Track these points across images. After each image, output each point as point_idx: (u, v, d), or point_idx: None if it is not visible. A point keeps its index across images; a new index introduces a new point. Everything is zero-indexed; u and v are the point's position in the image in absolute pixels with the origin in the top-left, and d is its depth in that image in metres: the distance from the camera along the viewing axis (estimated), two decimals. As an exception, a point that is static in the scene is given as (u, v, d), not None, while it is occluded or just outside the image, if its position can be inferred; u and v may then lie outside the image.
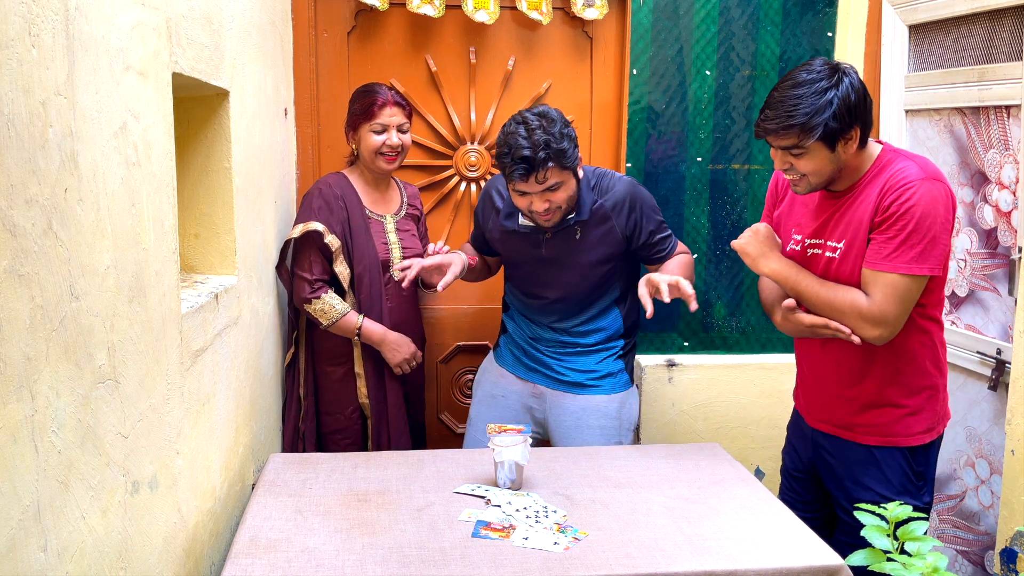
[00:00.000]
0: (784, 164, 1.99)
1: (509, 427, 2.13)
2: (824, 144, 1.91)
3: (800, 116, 1.89)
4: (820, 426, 2.20)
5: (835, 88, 1.90)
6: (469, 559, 1.71)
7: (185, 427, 1.63)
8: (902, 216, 1.90)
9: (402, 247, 2.63)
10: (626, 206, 2.42)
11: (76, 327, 1.12)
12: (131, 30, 1.34)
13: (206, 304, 1.78)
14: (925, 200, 1.89)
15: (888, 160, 2.00)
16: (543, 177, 2.23)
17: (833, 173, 1.98)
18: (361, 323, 2.52)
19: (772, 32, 3.09)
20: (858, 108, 1.92)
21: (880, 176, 1.98)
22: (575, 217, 2.39)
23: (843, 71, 1.93)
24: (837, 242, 2.03)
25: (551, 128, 2.23)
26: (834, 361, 2.12)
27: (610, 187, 2.44)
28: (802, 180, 2.00)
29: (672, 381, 3.17)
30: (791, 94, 1.91)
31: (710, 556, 1.74)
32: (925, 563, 1.23)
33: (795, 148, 1.93)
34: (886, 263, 1.92)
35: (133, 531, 1.34)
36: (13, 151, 0.96)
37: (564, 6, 3.03)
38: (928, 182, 1.92)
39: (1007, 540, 2.14)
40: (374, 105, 2.53)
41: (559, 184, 2.27)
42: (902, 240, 1.90)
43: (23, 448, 0.98)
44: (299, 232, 2.49)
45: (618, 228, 2.43)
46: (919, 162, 1.98)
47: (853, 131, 1.93)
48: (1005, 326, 2.46)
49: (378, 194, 2.66)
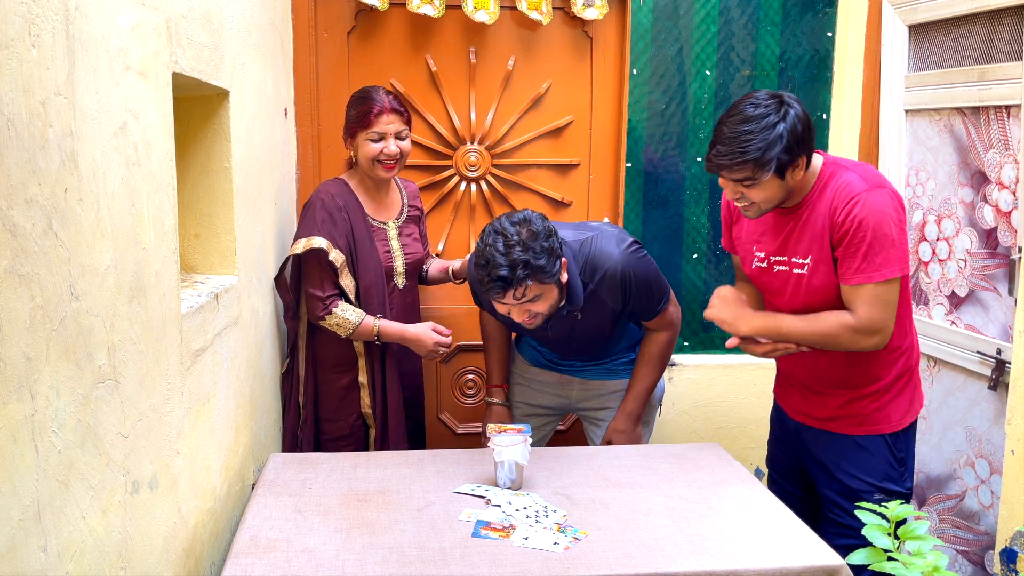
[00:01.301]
0: (736, 194, 2.05)
1: (509, 427, 2.13)
2: (774, 174, 1.97)
3: (753, 152, 1.93)
4: (804, 420, 2.27)
5: (783, 121, 1.94)
6: (469, 559, 1.71)
7: (185, 427, 1.63)
8: (858, 230, 1.98)
9: (404, 254, 2.61)
10: (619, 289, 2.33)
11: (76, 327, 1.12)
12: (131, 30, 1.34)
13: (206, 304, 1.78)
14: (874, 209, 1.97)
15: (831, 173, 2.07)
16: (521, 294, 2.13)
17: (783, 198, 2.05)
18: (378, 326, 2.49)
19: (772, 32, 3.09)
20: (804, 138, 1.98)
21: (826, 190, 2.06)
22: (568, 307, 2.31)
23: (788, 103, 1.98)
24: (803, 258, 2.10)
25: (531, 242, 2.10)
26: (816, 361, 2.19)
27: (600, 267, 2.31)
28: (752, 207, 2.06)
29: (672, 381, 3.17)
30: (741, 130, 1.95)
31: (710, 556, 1.74)
32: (925, 562, 1.23)
33: (748, 180, 1.98)
34: (859, 276, 2.00)
35: (133, 531, 1.34)
36: (13, 151, 0.96)
37: (564, 6, 3.03)
38: (872, 191, 1.99)
39: (1007, 540, 2.14)
40: (370, 113, 2.47)
41: (539, 296, 2.17)
42: (864, 252, 1.98)
43: (23, 448, 0.98)
44: (302, 248, 2.43)
45: (613, 305, 2.36)
46: (860, 172, 2.05)
47: (801, 159, 1.99)
48: (1005, 326, 2.46)
49: (379, 199, 2.62)
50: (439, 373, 3.17)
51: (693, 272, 3.17)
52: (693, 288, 3.19)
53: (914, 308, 2.83)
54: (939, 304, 2.71)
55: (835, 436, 2.19)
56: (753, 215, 2.09)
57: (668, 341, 2.52)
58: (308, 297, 2.48)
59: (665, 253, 3.14)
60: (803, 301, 2.14)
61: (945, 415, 2.70)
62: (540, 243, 2.12)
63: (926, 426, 2.79)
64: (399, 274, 2.59)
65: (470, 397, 3.22)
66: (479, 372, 3.20)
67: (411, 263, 2.63)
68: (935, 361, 2.74)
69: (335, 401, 2.58)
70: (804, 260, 2.10)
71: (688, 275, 3.17)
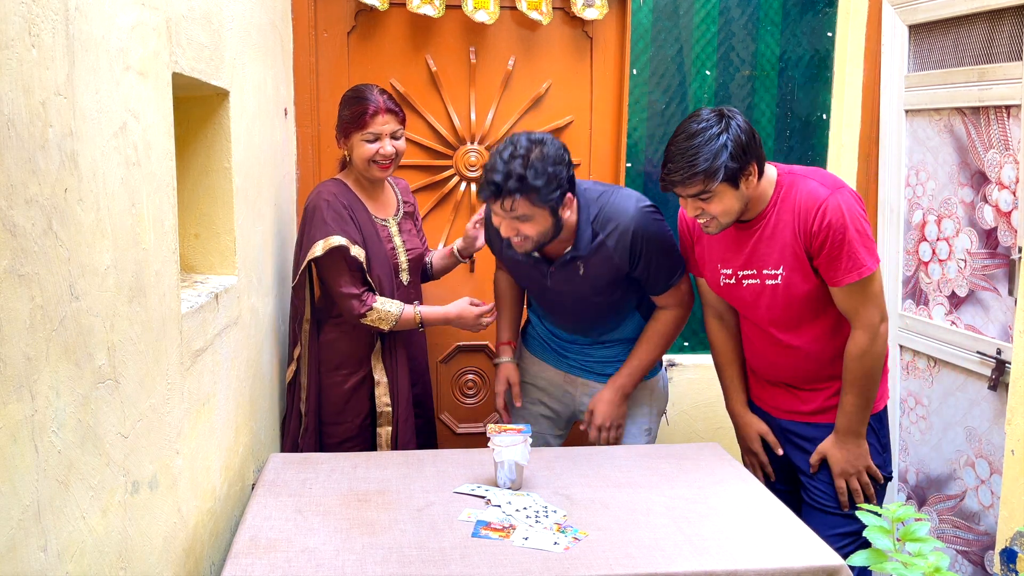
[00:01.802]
0: (696, 211, 2.10)
1: (509, 427, 2.13)
2: (729, 184, 2.04)
3: (702, 163, 2.01)
4: (791, 417, 2.31)
5: (726, 132, 2.03)
6: (469, 559, 1.71)
7: (185, 427, 1.63)
8: (835, 233, 2.05)
9: (406, 248, 2.60)
10: (628, 245, 2.29)
11: (76, 327, 1.12)
12: (131, 30, 1.34)
13: (206, 304, 1.78)
14: (844, 210, 2.05)
15: (789, 183, 2.14)
16: (510, 206, 2.14)
17: (741, 209, 2.11)
18: (420, 314, 2.49)
19: (772, 32, 3.09)
20: (750, 146, 2.05)
21: (788, 200, 2.12)
22: (572, 252, 2.31)
23: (728, 116, 2.06)
24: (775, 268, 2.16)
25: (536, 162, 2.11)
26: (806, 363, 2.24)
27: (613, 220, 2.30)
28: (712, 222, 2.11)
29: (672, 381, 3.16)
30: (687, 146, 2.03)
31: (710, 556, 1.74)
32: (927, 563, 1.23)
33: (703, 193, 2.04)
34: (851, 275, 2.07)
35: (133, 531, 1.34)
36: (13, 151, 0.96)
37: (564, 6, 3.03)
38: (835, 194, 2.07)
39: (1007, 540, 2.14)
40: (365, 114, 2.44)
41: (528, 217, 2.17)
42: (848, 252, 2.06)
43: (23, 448, 0.98)
44: (321, 250, 2.38)
45: (620, 263, 2.33)
46: (818, 178, 2.13)
47: (751, 167, 2.06)
48: (1005, 326, 2.46)
49: (376, 198, 2.61)
50: (439, 373, 3.17)
51: (693, 272, 3.17)
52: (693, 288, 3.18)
53: (914, 308, 2.84)
54: (939, 304, 2.71)
55: (826, 427, 2.24)
56: (715, 230, 2.14)
57: (675, 321, 2.46)
58: (341, 298, 2.43)
59: (665, 253, 3.14)
60: (782, 310, 2.18)
61: (945, 415, 2.70)
62: (545, 165, 2.12)
63: (926, 426, 2.79)
64: (403, 270, 2.58)
65: (470, 397, 3.22)
66: (479, 372, 3.20)
67: (413, 258, 2.62)
68: (935, 361, 2.74)
69: (340, 404, 2.55)
70: (776, 271, 2.16)
71: (688, 275, 3.17)
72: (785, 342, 2.22)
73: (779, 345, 2.24)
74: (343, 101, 2.54)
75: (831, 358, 2.21)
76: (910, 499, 2.88)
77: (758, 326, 2.27)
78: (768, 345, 2.27)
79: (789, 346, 2.22)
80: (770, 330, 2.23)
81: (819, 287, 2.14)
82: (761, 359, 2.32)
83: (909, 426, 2.88)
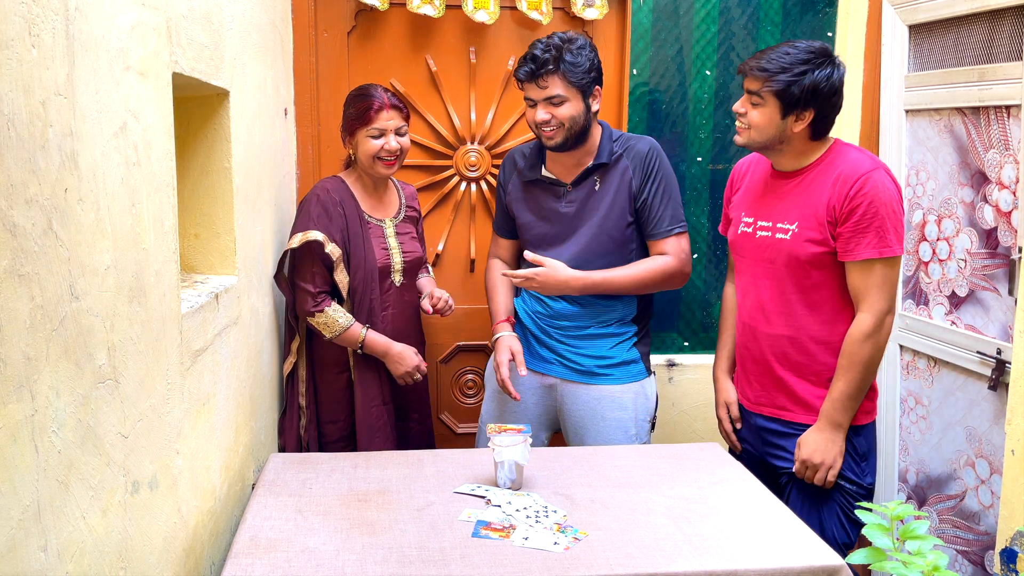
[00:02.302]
0: (743, 108, 2.17)
1: (509, 427, 2.13)
2: (778, 104, 2.10)
3: (773, 66, 2.08)
4: (764, 410, 2.33)
5: (817, 68, 2.08)
6: (469, 559, 1.71)
7: (185, 427, 1.63)
8: (870, 206, 2.06)
9: (402, 251, 2.59)
10: (644, 157, 2.45)
11: (76, 327, 1.12)
12: (131, 30, 1.34)
13: (206, 304, 1.78)
14: (885, 187, 2.08)
15: (839, 149, 2.18)
16: (545, 83, 2.32)
17: (773, 140, 2.15)
18: (364, 335, 2.47)
19: (772, 32, 3.09)
20: (821, 95, 2.09)
21: (832, 163, 2.15)
22: (595, 162, 2.44)
23: (833, 62, 2.11)
24: (790, 224, 2.18)
25: (571, 44, 2.32)
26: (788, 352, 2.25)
27: (632, 141, 2.49)
28: (745, 131, 2.18)
29: (672, 381, 3.17)
30: (782, 49, 2.11)
31: (710, 556, 1.74)
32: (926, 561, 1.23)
33: (755, 95, 2.12)
34: (870, 250, 2.07)
35: (133, 531, 1.34)
36: (13, 151, 0.96)
37: (564, 6, 3.03)
38: (879, 171, 2.10)
39: (1007, 540, 2.14)
40: (370, 109, 2.47)
41: (563, 99, 2.33)
42: (877, 227, 2.06)
43: (23, 448, 0.98)
44: (298, 242, 2.43)
45: (633, 177, 2.44)
46: (866, 155, 2.17)
47: (808, 112, 2.11)
48: (1005, 326, 2.46)
49: (376, 198, 2.61)
50: (439, 373, 3.17)
51: (693, 272, 3.17)
52: (693, 288, 3.19)
53: (914, 308, 2.84)
54: (939, 304, 2.72)
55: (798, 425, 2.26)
56: (742, 140, 2.20)
57: (667, 267, 2.45)
58: (298, 290, 2.46)
59: (665, 253, 3.14)
60: (782, 266, 2.20)
61: (945, 415, 2.70)
62: (580, 49, 2.33)
63: (926, 426, 2.80)
64: (397, 272, 2.58)
65: (470, 397, 3.22)
66: (479, 372, 3.20)
67: (409, 261, 2.61)
68: (935, 361, 2.74)
69: (335, 402, 2.56)
70: (790, 226, 2.18)
71: (693, 277, 3.16)
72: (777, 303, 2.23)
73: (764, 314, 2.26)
74: (348, 100, 2.56)
75: (818, 345, 2.20)
76: (910, 499, 2.89)
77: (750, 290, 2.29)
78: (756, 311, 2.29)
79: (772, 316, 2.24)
80: (760, 294, 2.26)
81: (823, 256, 2.13)
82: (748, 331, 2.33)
83: (909, 426, 2.88)
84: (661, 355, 3.19)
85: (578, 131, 2.39)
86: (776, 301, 2.24)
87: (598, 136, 2.46)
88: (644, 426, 2.54)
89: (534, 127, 2.42)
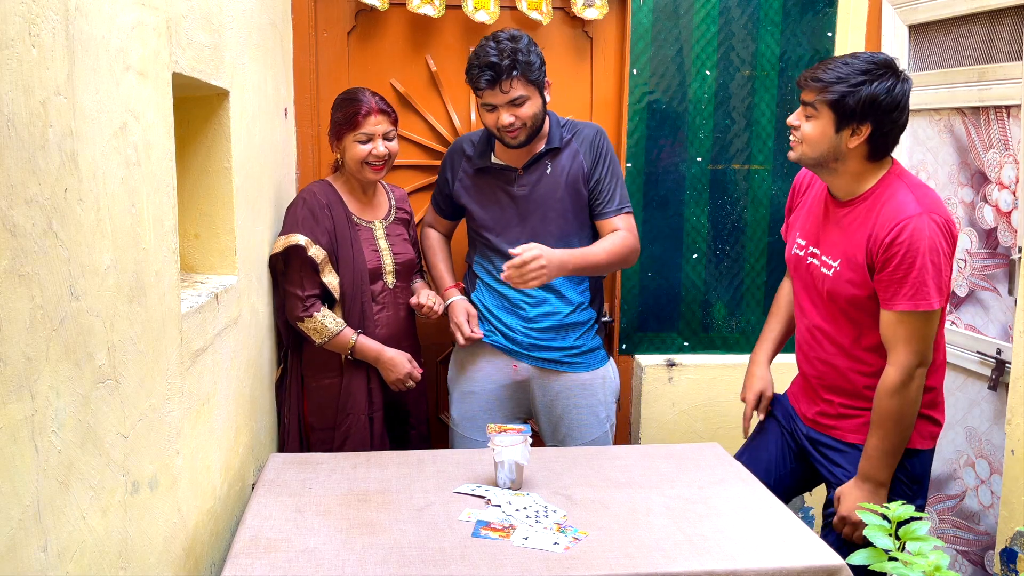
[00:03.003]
0: (797, 120, 2.07)
1: (509, 427, 2.13)
2: (833, 116, 1.97)
3: (829, 76, 1.97)
4: (815, 427, 2.23)
5: (875, 80, 1.94)
6: (469, 559, 1.71)
7: (185, 427, 1.63)
8: (906, 255, 1.92)
9: (393, 253, 2.57)
10: (592, 140, 2.55)
11: (76, 327, 1.12)
12: (131, 30, 1.34)
13: (206, 304, 1.78)
14: (924, 235, 1.91)
15: (891, 184, 2.02)
16: (508, 87, 2.36)
17: (827, 157, 2.02)
18: (355, 341, 2.45)
19: (772, 32, 3.09)
20: (879, 109, 1.94)
21: (878, 200, 2.01)
22: (546, 147, 2.51)
23: (897, 75, 1.97)
24: (834, 260, 2.08)
25: (519, 43, 2.38)
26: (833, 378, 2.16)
27: (579, 125, 2.59)
28: (798, 145, 2.07)
29: (672, 381, 3.17)
30: (842, 59, 2.01)
31: (710, 556, 1.74)
32: (927, 562, 1.23)
33: (810, 107, 2.01)
34: (905, 303, 1.94)
35: (133, 531, 1.34)
36: (13, 151, 0.96)
37: (564, 6, 3.03)
38: (922, 217, 1.93)
39: (1007, 540, 2.14)
40: (358, 114, 2.44)
41: (524, 98, 2.39)
42: (914, 279, 1.92)
43: (23, 448, 0.98)
44: (280, 246, 2.39)
45: (584, 159, 2.53)
46: (918, 194, 1.98)
47: (864, 126, 1.96)
48: (1005, 326, 2.46)
49: (365, 201, 2.58)
50: (438, 373, 3.17)
51: (693, 272, 3.17)
52: (693, 288, 3.19)
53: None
54: (939, 304, 2.71)
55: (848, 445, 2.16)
56: (795, 156, 2.09)
57: (625, 240, 2.52)
58: (287, 295, 2.43)
59: (665, 253, 3.14)
60: (824, 303, 2.13)
61: (945, 415, 2.70)
62: (528, 47, 2.40)
63: (926, 426, 2.80)
64: (388, 273, 2.55)
65: (470, 397, 3.22)
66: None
67: (401, 263, 2.58)
68: (935, 361, 2.74)
69: (324, 408, 2.51)
70: (833, 263, 2.08)
71: (688, 275, 3.17)
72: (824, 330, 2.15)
73: (814, 336, 2.18)
74: (336, 104, 2.54)
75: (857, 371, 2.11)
76: (910, 499, 2.89)
77: (803, 311, 2.23)
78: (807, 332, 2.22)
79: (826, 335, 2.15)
80: (810, 316, 2.19)
81: (864, 300, 2.04)
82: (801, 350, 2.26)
83: (909, 426, 2.88)
84: (661, 355, 3.19)
85: (539, 126, 2.47)
86: (824, 327, 2.16)
87: (547, 122, 2.54)
88: (611, 407, 2.67)
89: (496, 131, 2.46)
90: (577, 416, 2.59)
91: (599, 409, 2.61)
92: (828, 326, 2.14)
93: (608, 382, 2.65)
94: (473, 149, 2.62)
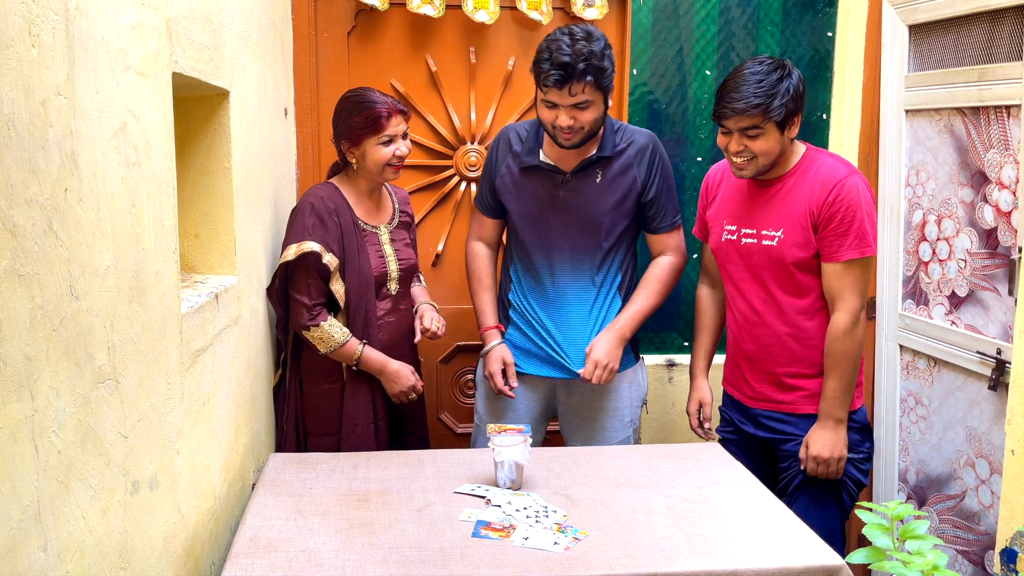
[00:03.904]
0: (739, 147, 2.20)
1: (509, 427, 2.13)
2: (777, 127, 2.17)
3: (764, 97, 2.13)
4: (766, 406, 2.39)
5: (788, 77, 2.17)
6: (469, 559, 1.71)
7: (185, 427, 1.63)
8: (848, 210, 2.17)
9: (398, 259, 2.54)
10: (648, 153, 2.45)
11: (76, 327, 1.12)
12: (131, 30, 1.34)
13: (206, 304, 1.78)
14: (860, 192, 2.19)
15: (813, 156, 2.28)
16: (576, 90, 2.24)
17: (777, 156, 2.22)
18: (361, 352, 2.41)
19: (772, 32, 3.09)
20: (800, 96, 2.19)
21: (808, 170, 2.25)
22: (597, 154, 2.41)
23: (788, 66, 2.19)
24: (775, 230, 2.27)
25: (594, 45, 2.23)
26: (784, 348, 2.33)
27: (635, 134, 2.48)
28: (751, 163, 2.21)
29: (672, 381, 3.17)
30: (752, 79, 2.15)
31: (710, 556, 1.74)
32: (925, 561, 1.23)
33: (753, 128, 2.16)
34: (851, 251, 2.18)
35: (133, 531, 1.34)
36: (13, 151, 0.96)
37: (564, 6, 3.03)
38: (854, 176, 2.21)
39: (1007, 540, 2.14)
40: (381, 117, 2.38)
41: (589, 103, 2.28)
42: (856, 230, 2.17)
43: (23, 448, 0.98)
44: (293, 254, 2.34)
45: (638, 174, 2.45)
46: (839, 159, 2.29)
47: (798, 118, 2.21)
48: (1005, 326, 2.46)
49: (372, 204, 2.54)
50: (439, 373, 3.17)
51: (693, 272, 3.17)
52: (693, 288, 3.18)
53: (914, 308, 2.84)
54: (939, 304, 2.72)
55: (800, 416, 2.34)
56: (749, 173, 2.24)
57: (673, 268, 2.54)
58: (293, 303, 2.38)
59: (665, 253, 3.14)
60: (769, 271, 2.29)
61: (945, 415, 2.70)
62: (604, 51, 2.26)
63: (926, 426, 2.80)
64: (393, 280, 2.52)
65: (470, 397, 3.22)
66: (479, 372, 3.20)
67: (405, 269, 2.56)
68: (935, 361, 2.74)
69: (325, 413, 2.49)
70: (775, 232, 2.26)
71: (688, 275, 3.17)
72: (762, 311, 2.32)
73: (758, 315, 2.34)
74: (346, 108, 2.45)
75: (806, 340, 2.29)
76: (910, 499, 2.89)
77: (741, 294, 2.36)
78: (750, 313, 2.36)
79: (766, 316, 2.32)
80: (750, 298, 2.34)
81: (809, 260, 2.23)
82: (743, 332, 2.40)
83: (909, 426, 2.88)
84: (661, 355, 3.19)
85: (596, 131, 2.38)
86: (767, 303, 2.32)
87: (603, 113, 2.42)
88: (637, 410, 2.62)
89: (550, 128, 2.35)
90: (602, 419, 2.55)
91: (624, 412, 2.55)
92: (771, 300, 2.31)
93: (635, 386, 2.58)
94: (520, 144, 2.50)
